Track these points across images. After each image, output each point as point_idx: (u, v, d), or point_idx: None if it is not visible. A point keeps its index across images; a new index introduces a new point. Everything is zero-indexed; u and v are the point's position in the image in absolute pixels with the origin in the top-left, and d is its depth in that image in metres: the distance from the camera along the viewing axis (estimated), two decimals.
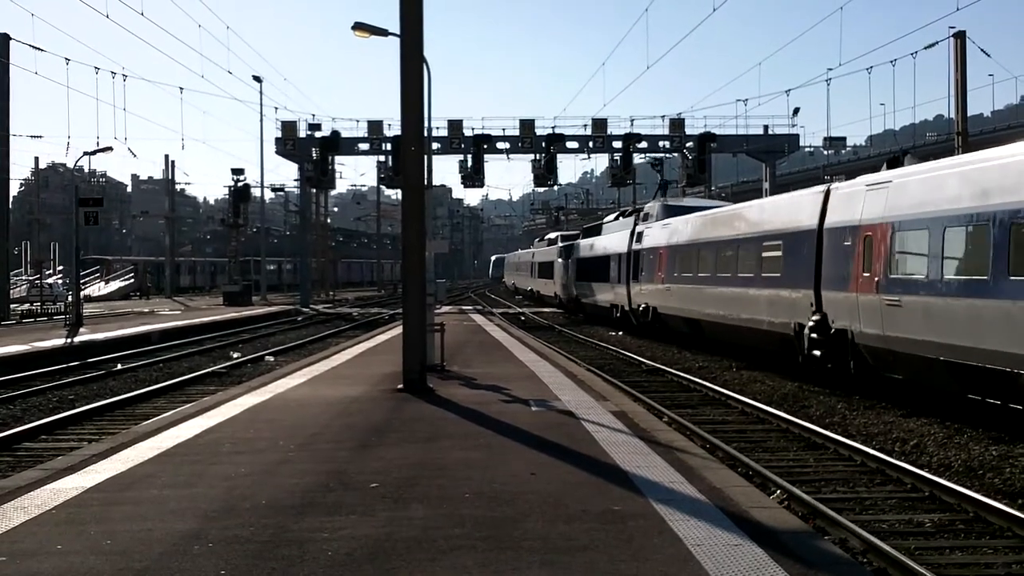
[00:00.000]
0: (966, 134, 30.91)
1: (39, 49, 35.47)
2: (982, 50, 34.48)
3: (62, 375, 21.39)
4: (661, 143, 53.53)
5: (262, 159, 69.18)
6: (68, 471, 8.94)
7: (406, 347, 14.96)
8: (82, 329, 32.04)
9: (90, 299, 58.16)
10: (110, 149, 49.93)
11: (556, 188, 70.69)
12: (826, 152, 75.76)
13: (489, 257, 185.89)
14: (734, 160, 69.70)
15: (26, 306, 51.35)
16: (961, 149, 28.86)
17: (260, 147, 60.68)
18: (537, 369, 18.35)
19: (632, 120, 52.95)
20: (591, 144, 53.06)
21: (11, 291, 45.83)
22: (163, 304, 56.91)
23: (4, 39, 38.74)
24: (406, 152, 15.10)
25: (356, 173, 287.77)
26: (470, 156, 52.63)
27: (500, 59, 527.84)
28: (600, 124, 52.24)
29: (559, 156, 53.09)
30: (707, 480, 8.30)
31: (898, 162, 17.16)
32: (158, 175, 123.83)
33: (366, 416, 12.27)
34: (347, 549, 6.28)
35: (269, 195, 73.74)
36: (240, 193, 63.91)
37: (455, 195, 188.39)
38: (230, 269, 66.24)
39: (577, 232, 53.64)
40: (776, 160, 54.43)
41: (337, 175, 57.50)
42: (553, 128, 52.47)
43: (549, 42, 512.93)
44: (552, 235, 61.92)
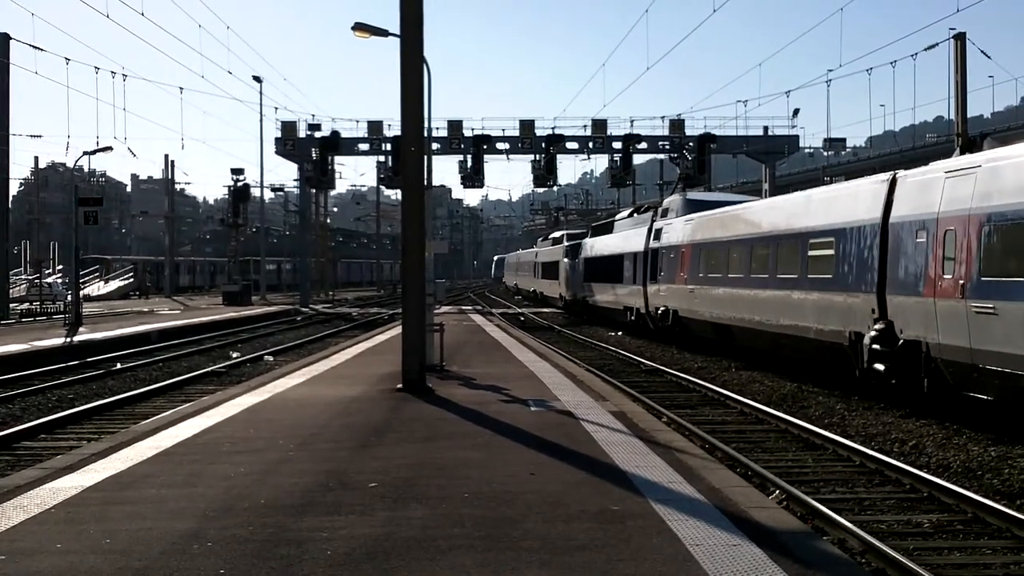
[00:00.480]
0: (966, 135, 30.86)
1: (39, 49, 35.47)
2: (982, 52, 34.59)
3: (61, 374, 21.39)
4: (661, 144, 53.51)
5: (262, 159, 69.05)
6: (67, 470, 8.94)
7: (405, 347, 14.96)
8: (81, 328, 32.03)
9: (89, 298, 58.15)
10: (110, 149, 49.98)
11: (556, 189, 70.75)
12: (826, 153, 75.82)
13: (489, 257, 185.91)
14: (734, 161, 69.71)
15: (25, 305, 51.39)
16: (960, 150, 28.86)
17: (260, 147, 60.71)
18: (536, 369, 18.36)
19: (632, 121, 52.96)
20: (591, 145, 53.03)
21: (10, 290, 45.82)
22: (162, 304, 56.89)
23: (4, 39, 38.76)
24: (406, 152, 15.10)
25: (356, 173, 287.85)
26: (470, 156, 52.62)
27: (500, 59, 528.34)
28: (600, 125, 52.21)
29: (559, 157, 53.05)
30: (706, 480, 8.31)
31: (973, 146, 15.49)
32: (158, 175, 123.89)
33: (365, 416, 12.28)
34: (346, 549, 6.28)
35: (269, 195, 73.92)
36: (240, 193, 63.94)
37: (455, 195, 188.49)
38: (229, 269, 66.23)
39: (584, 230, 52.36)
40: (776, 161, 54.43)
41: (337, 175, 57.48)
42: (553, 129, 52.44)
43: (549, 43, 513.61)
44: (557, 234, 59.26)
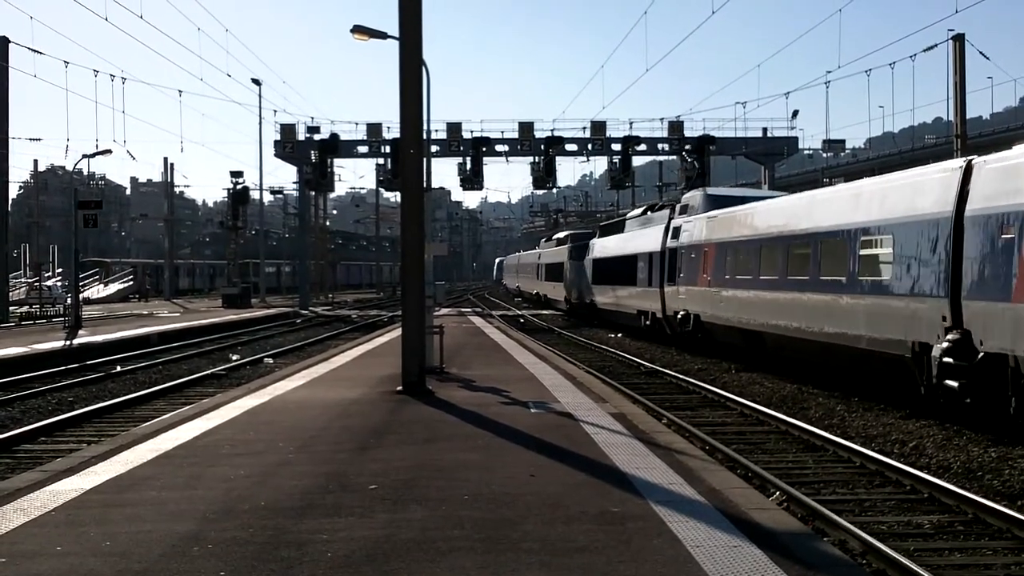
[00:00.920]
0: (965, 137, 30.94)
1: (38, 52, 35.56)
2: (981, 53, 34.59)
3: (61, 377, 21.38)
4: (660, 145, 53.52)
5: (261, 162, 69.28)
6: (67, 473, 8.94)
7: (405, 349, 14.96)
8: (81, 331, 32.03)
9: (89, 301, 58.16)
10: (109, 152, 49.94)
11: (555, 191, 70.78)
12: (825, 155, 75.81)
13: (488, 260, 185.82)
14: (733, 163, 69.73)
15: (25, 308, 51.35)
16: (960, 152, 28.88)
17: (259, 150, 60.67)
18: (536, 371, 18.35)
19: (631, 122, 52.94)
20: (590, 146, 53.05)
21: (10, 293, 45.81)
22: (162, 306, 56.88)
23: (3, 42, 38.76)
24: (405, 155, 15.11)
25: (355, 176, 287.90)
26: (469, 159, 52.63)
27: (499, 62, 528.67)
28: (599, 126, 52.23)
29: (558, 158, 53.02)
30: (706, 482, 8.30)
31: None
32: (157, 178, 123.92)
33: (365, 418, 12.27)
34: (346, 551, 6.28)
35: (268, 198, 74.14)
36: (239, 196, 63.98)
37: (454, 197, 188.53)
38: (229, 271, 66.23)
39: (591, 230, 51.49)
40: (775, 163, 54.45)
41: (336, 178, 57.48)
42: (552, 131, 52.44)
43: (548, 45, 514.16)
44: (562, 234, 56.95)
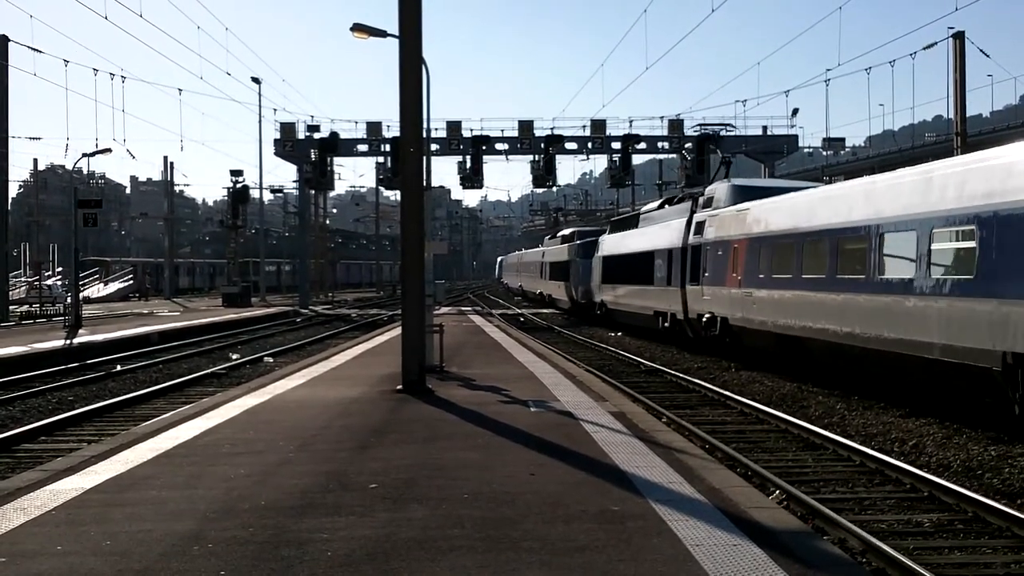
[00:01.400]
0: (965, 135, 30.93)
1: (38, 51, 35.57)
2: (981, 50, 34.58)
3: (61, 376, 21.39)
4: (660, 144, 53.51)
5: (261, 160, 69.18)
6: (68, 472, 8.94)
7: (405, 348, 14.96)
8: (81, 330, 32.03)
9: (89, 300, 58.15)
10: (109, 151, 49.85)
11: (555, 189, 70.71)
12: (825, 153, 75.79)
13: (487, 258, 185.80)
14: (733, 161, 69.69)
15: (25, 307, 51.35)
16: (960, 150, 28.88)
17: (259, 148, 60.72)
18: (536, 370, 18.36)
19: (631, 121, 52.97)
20: (590, 145, 53.04)
21: (10, 292, 45.81)
22: (162, 305, 56.88)
23: (3, 40, 38.75)
24: (405, 153, 15.11)
25: (355, 174, 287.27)
26: (469, 157, 52.63)
27: (499, 60, 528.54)
28: (599, 125, 52.22)
29: (558, 157, 53.05)
30: (706, 480, 8.31)
31: None
32: (157, 176, 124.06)
33: (365, 417, 12.28)
34: (346, 550, 6.28)
35: (268, 196, 74.05)
36: (239, 194, 64.00)
37: (454, 196, 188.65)
38: (229, 270, 66.24)
39: (598, 228, 50.47)
40: (775, 161, 54.43)
41: (336, 176, 57.47)
42: (552, 129, 52.45)
43: (548, 43, 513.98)
44: (567, 231, 54.57)
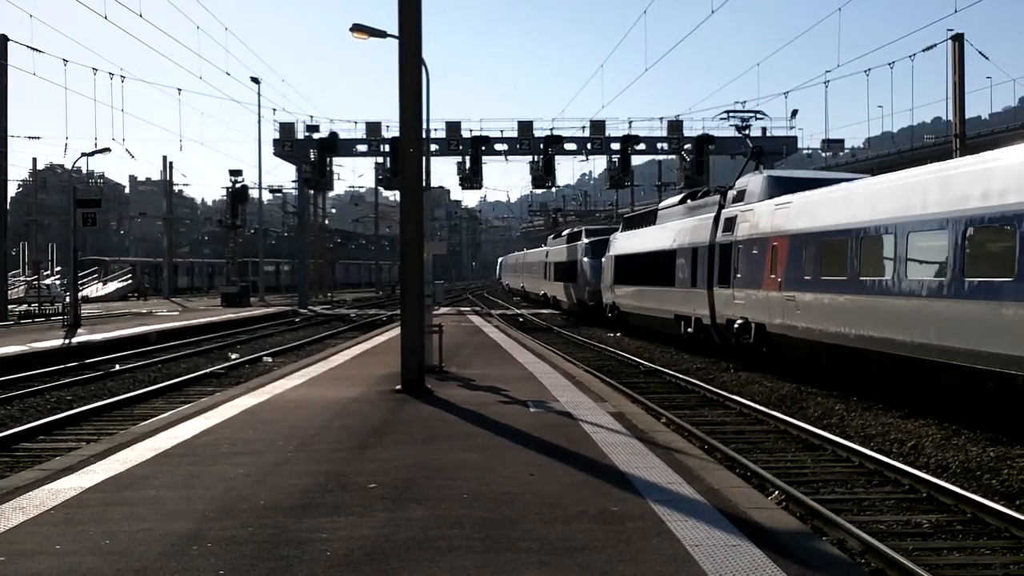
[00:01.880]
0: (964, 136, 30.97)
1: (37, 50, 35.58)
2: (980, 52, 34.65)
3: (60, 376, 21.38)
4: (659, 145, 53.52)
5: (260, 160, 69.23)
6: (66, 472, 8.94)
7: (404, 348, 14.96)
8: (80, 330, 32.02)
9: (88, 300, 58.14)
10: (108, 150, 50.08)
11: (554, 190, 70.70)
12: (824, 154, 75.88)
13: (487, 259, 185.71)
14: (732, 162, 69.79)
15: (24, 307, 51.34)
16: (959, 152, 28.90)
17: (258, 148, 60.66)
18: (535, 370, 18.36)
19: (630, 122, 52.96)
20: (589, 146, 53.05)
21: (9, 292, 45.78)
22: (161, 305, 56.87)
23: (2, 40, 38.74)
24: (404, 153, 15.11)
25: (354, 174, 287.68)
26: (468, 158, 52.62)
27: (498, 61, 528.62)
28: (598, 126, 52.23)
29: (557, 158, 53.07)
30: (705, 481, 8.31)
31: None
32: (156, 176, 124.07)
33: (364, 417, 12.27)
34: (345, 550, 6.28)
35: (267, 196, 74.01)
36: (238, 194, 64.01)
37: (453, 197, 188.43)
38: (228, 270, 66.23)
39: (606, 227, 49.39)
40: (774, 162, 54.41)
41: (335, 176, 57.63)
42: (551, 130, 52.43)
43: (548, 44, 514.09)
44: (573, 230, 52.02)
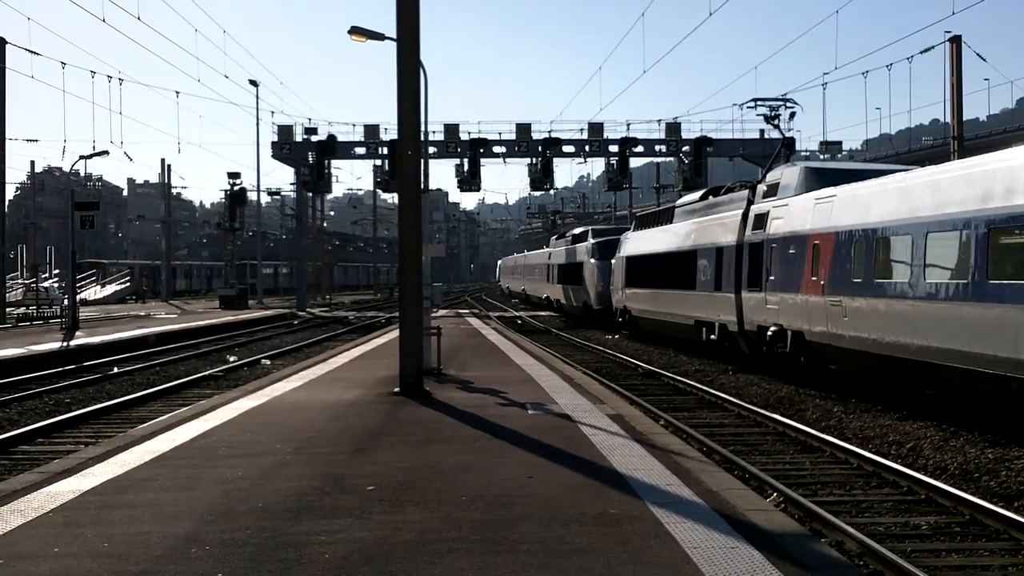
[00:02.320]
0: (962, 138, 31.02)
1: (35, 53, 35.57)
2: (978, 54, 34.65)
3: (58, 379, 21.36)
4: (658, 147, 53.55)
5: (258, 163, 69.42)
6: (65, 474, 8.93)
7: (403, 351, 14.96)
8: (78, 333, 31.99)
9: (86, 303, 58.13)
10: (106, 153, 50.20)
11: (552, 192, 70.70)
12: (822, 156, 75.83)
13: (485, 260, 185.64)
14: (731, 164, 69.86)
15: (22, 310, 51.27)
16: (957, 154, 28.93)
17: (256, 151, 60.85)
18: (533, 372, 18.35)
19: (628, 124, 53.01)
20: (587, 148, 53.07)
21: (7, 295, 45.74)
22: (159, 308, 56.85)
23: (1, 43, 38.73)
24: (403, 156, 15.11)
25: (352, 177, 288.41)
26: (466, 160, 52.59)
27: (497, 63, 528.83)
28: (596, 128, 52.25)
29: (555, 160, 53.10)
30: (704, 483, 8.31)
31: None
32: (154, 179, 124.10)
33: (363, 419, 12.27)
34: (344, 552, 6.28)
35: (265, 199, 74.09)
36: (236, 197, 64.03)
37: (451, 199, 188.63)
38: (226, 273, 66.25)
39: (614, 227, 48.68)
40: (773, 164, 54.46)
41: (333, 179, 57.60)
42: (549, 132, 52.45)
43: (546, 46, 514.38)
44: (578, 230, 50.21)
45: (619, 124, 59.98)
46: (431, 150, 45.63)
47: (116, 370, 23.03)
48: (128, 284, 75.90)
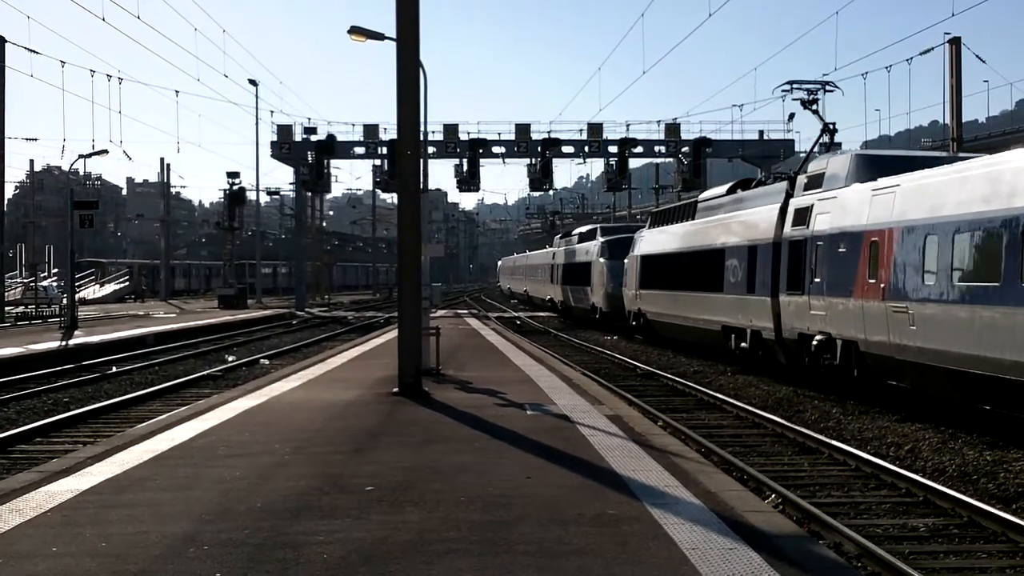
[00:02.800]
0: (961, 140, 31.02)
1: (35, 52, 35.55)
2: (977, 56, 34.60)
3: (57, 378, 21.34)
4: (657, 148, 53.57)
5: (257, 162, 69.50)
6: (63, 474, 8.93)
7: (401, 351, 14.96)
8: (77, 332, 31.98)
9: (85, 302, 58.12)
10: (105, 152, 50.12)
11: (552, 192, 70.69)
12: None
13: (484, 261, 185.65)
14: (730, 165, 69.88)
15: (21, 309, 51.25)
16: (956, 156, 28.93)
17: (256, 150, 61.10)
18: (532, 373, 18.35)
19: (628, 125, 53.05)
20: (587, 149, 53.10)
21: (6, 294, 45.73)
22: (158, 307, 56.82)
23: (0, 41, 38.72)
24: (402, 156, 15.12)
25: (352, 177, 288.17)
26: (466, 160, 52.61)
27: (496, 63, 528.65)
28: (596, 129, 52.25)
29: (555, 160, 53.15)
30: (702, 484, 8.31)
31: None
32: (153, 178, 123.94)
33: (361, 420, 12.27)
34: (342, 552, 6.28)
35: (264, 198, 74.07)
36: (235, 196, 64.05)
37: (450, 199, 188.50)
38: (225, 272, 66.24)
39: (623, 224, 47.68)
40: (772, 166, 54.50)
41: (333, 179, 57.63)
42: (549, 132, 52.50)
43: (546, 46, 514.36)
44: (584, 229, 47.90)
45: (618, 125, 59.93)
46: (430, 150, 45.56)
47: (115, 369, 23.02)
48: (127, 283, 75.87)
